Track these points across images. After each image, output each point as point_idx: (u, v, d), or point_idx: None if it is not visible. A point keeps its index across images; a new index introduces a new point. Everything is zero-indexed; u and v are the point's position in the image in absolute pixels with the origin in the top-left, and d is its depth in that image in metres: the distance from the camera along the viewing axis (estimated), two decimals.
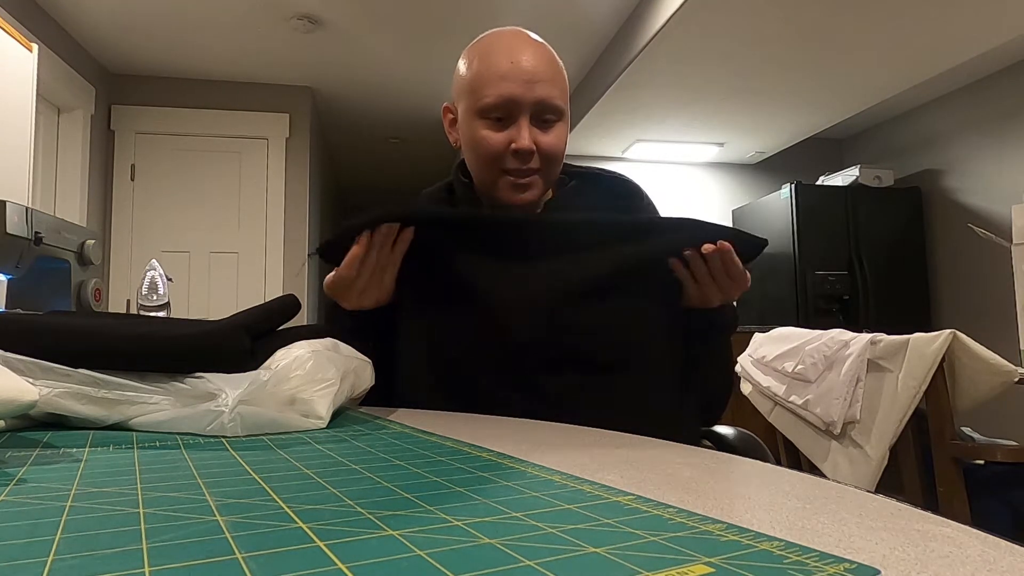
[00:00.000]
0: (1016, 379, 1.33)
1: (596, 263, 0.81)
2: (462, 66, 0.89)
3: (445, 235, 0.81)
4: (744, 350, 1.92)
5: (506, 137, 0.84)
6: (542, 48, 0.87)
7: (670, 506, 0.28)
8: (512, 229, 0.83)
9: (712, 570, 0.20)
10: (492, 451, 0.41)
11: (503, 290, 0.81)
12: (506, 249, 0.82)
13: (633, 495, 0.30)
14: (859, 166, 3.88)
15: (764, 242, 0.81)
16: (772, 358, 1.75)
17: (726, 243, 0.78)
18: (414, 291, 0.83)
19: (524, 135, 0.83)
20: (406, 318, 0.85)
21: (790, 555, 0.21)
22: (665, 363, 0.83)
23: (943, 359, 1.35)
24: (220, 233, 3.60)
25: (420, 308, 0.84)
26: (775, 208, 3.90)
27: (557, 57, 0.89)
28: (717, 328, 0.87)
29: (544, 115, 0.85)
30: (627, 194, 0.97)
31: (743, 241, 0.79)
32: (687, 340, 0.85)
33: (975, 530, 0.25)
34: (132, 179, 3.53)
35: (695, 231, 0.79)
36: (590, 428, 0.54)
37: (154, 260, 1.63)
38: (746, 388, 1.89)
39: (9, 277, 1.41)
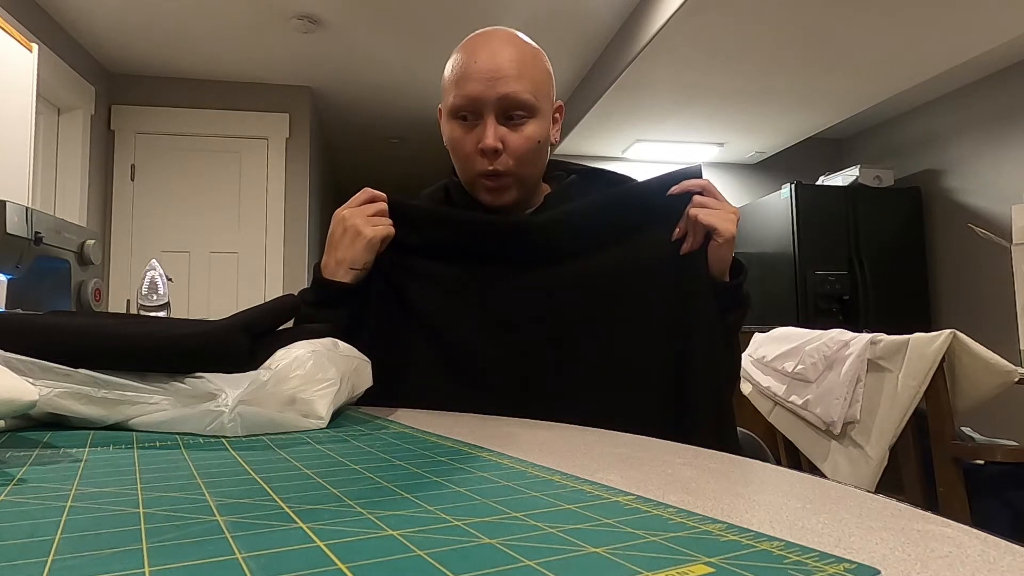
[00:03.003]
0: (1016, 379, 1.33)
1: (590, 285, 0.83)
2: (445, 67, 0.89)
3: (439, 242, 0.85)
4: (744, 350, 1.92)
5: (474, 137, 0.84)
6: (513, 45, 0.84)
7: (670, 506, 0.28)
8: (501, 235, 0.84)
9: (712, 570, 0.20)
10: (492, 451, 0.41)
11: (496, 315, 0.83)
12: (498, 258, 0.84)
13: (633, 495, 0.30)
14: (859, 166, 3.88)
15: (698, 168, 0.85)
16: (772, 358, 1.75)
17: (688, 182, 0.82)
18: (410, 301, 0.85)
19: (488, 133, 0.82)
20: (403, 328, 0.86)
21: (790, 555, 0.21)
22: (669, 379, 0.82)
23: (943, 359, 1.35)
24: (220, 233, 3.60)
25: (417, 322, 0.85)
26: (775, 208, 3.89)
27: (535, 52, 0.86)
28: (736, 300, 0.87)
29: (510, 111, 0.83)
30: None
31: (683, 176, 0.83)
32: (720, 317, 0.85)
33: (975, 530, 0.25)
34: (132, 179, 3.53)
35: (654, 198, 0.83)
36: (590, 428, 0.54)
37: (154, 260, 1.63)
38: (746, 388, 1.89)
39: (9, 277, 1.41)
